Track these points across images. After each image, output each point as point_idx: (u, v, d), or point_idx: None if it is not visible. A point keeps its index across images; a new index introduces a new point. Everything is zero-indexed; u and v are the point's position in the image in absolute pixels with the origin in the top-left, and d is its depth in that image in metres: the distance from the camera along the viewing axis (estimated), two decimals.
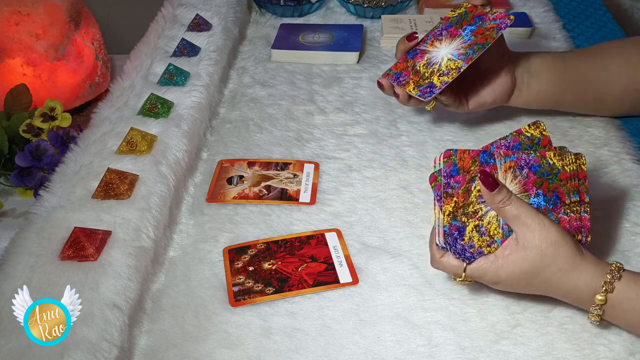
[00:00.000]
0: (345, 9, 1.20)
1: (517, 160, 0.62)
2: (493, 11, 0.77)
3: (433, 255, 0.63)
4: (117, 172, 0.72)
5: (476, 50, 0.75)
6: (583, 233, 0.61)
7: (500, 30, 0.75)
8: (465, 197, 0.61)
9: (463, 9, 0.81)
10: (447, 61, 0.77)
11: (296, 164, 0.84)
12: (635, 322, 0.58)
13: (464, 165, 0.61)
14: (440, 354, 0.60)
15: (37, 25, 1.09)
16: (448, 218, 0.61)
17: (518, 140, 0.64)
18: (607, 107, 0.87)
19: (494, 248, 0.60)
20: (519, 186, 0.61)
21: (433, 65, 0.77)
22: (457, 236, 0.61)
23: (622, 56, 0.84)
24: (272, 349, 0.61)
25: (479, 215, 0.61)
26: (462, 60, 0.75)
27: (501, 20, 0.75)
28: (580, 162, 0.63)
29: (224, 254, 0.72)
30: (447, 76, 0.76)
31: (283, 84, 1.01)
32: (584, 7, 1.17)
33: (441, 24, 0.81)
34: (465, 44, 0.76)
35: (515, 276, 0.59)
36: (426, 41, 0.80)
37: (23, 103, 1.04)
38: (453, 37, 0.78)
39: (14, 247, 0.64)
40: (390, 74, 0.81)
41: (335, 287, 0.67)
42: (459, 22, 0.79)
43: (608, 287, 0.57)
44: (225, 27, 1.06)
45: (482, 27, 0.77)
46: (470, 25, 0.78)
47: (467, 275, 0.61)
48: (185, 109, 0.86)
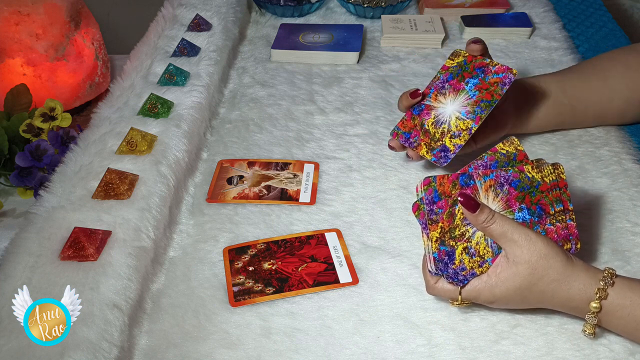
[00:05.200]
0: (345, 9, 1.20)
1: (496, 178, 0.62)
2: (494, 63, 0.75)
3: (427, 282, 0.63)
4: (117, 172, 0.72)
5: (484, 108, 0.73)
6: (572, 241, 0.62)
7: (505, 86, 0.73)
8: (450, 221, 0.61)
9: (461, 57, 0.78)
10: (456, 120, 0.75)
11: (296, 164, 0.84)
12: (631, 329, 0.58)
13: (445, 190, 0.61)
14: (440, 354, 0.60)
15: (37, 25, 1.09)
16: (436, 244, 0.61)
17: (494, 158, 0.64)
18: (609, 120, 0.87)
19: (486, 267, 0.60)
20: (502, 203, 0.61)
21: (442, 125, 0.75)
22: (448, 261, 0.61)
23: (622, 66, 0.83)
24: (272, 349, 0.61)
25: (467, 237, 0.61)
26: (471, 119, 0.74)
27: (504, 74, 0.74)
28: (558, 172, 0.63)
29: (224, 254, 0.72)
30: (459, 138, 0.74)
31: (283, 84, 1.01)
32: (584, 7, 1.17)
33: (441, 74, 0.79)
34: (472, 100, 0.75)
35: (510, 293, 0.59)
36: (429, 95, 0.78)
37: (23, 103, 1.04)
38: (457, 92, 0.76)
39: (14, 247, 0.64)
40: (400, 134, 0.79)
41: (335, 287, 0.67)
42: (459, 74, 0.77)
43: (602, 293, 0.57)
44: (225, 27, 1.06)
45: (485, 81, 0.75)
46: (472, 78, 0.76)
47: (463, 298, 0.61)
48: (185, 109, 0.86)
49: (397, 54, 1.08)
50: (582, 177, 0.79)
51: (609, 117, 0.86)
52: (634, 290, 0.57)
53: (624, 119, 0.87)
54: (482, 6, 1.16)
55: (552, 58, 1.04)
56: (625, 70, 0.83)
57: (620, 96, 0.83)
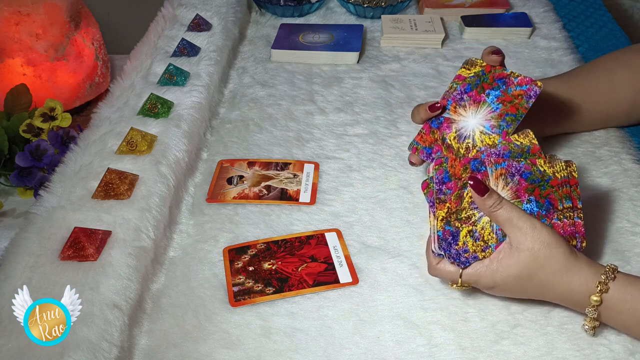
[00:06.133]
0: (345, 9, 1.20)
1: (508, 168, 0.62)
2: (515, 74, 0.71)
3: (430, 263, 0.64)
4: (117, 172, 0.72)
5: (509, 122, 0.69)
6: (578, 239, 0.61)
7: (531, 100, 0.69)
8: (458, 203, 0.62)
9: (478, 67, 0.73)
10: (480, 134, 0.70)
11: (296, 164, 0.84)
12: (631, 324, 0.58)
13: (455, 172, 0.62)
14: (440, 354, 0.60)
15: (37, 25, 1.09)
16: (441, 223, 0.61)
17: (508, 148, 0.65)
18: (615, 123, 0.87)
19: (489, 253, 0.60)
20: (511, 192, 0.61)
21: (466, 140, 0.71)
22: (451, 241, 0.61)
23: (626, 68, 0.83)
24: (272, 349, 0.61)
25: (473, 221, 0.61)
26: (497, 134, 0.70)
27: (528, 86, 0.70)
28: (571, 169, 0.63)
29: (224, 254, 0.72)
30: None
31: (283, 84, 1.01)
32: (584, 7, 1.17)
33: (458, 85, 0.73)
34: (495, 114, 0.70)
35: (510, 280, 0.59)
36: (447, 106, 0.73)
37: (23, 103, 1.04)
38: (478, 104, 0.71)
39: (14, 247, 0.64)
40: (419, 149, 0.73)
41: (335, 287, 0.67)
42: (478, 85, 0.72)
43: (603, 287, 0.57)
44: (225, 27, 1.06)
45: (507, 93, 0.70)
46: (493, 89, 0.71)
47: (463, 281, 0.61)
48: (185, 109, 0.86)
49: (397, 54, 1.08)
50: (582, 177, 0.79)
51: (615, 119, 0.86)
52: (635, 285, 0.58)
53: (630, 120, 0.87)
54: (482, 6, 1.16)
55: (552, 58, 1.04)
56: (629, 72, 0.82)
57: (626, 98, 0.83)
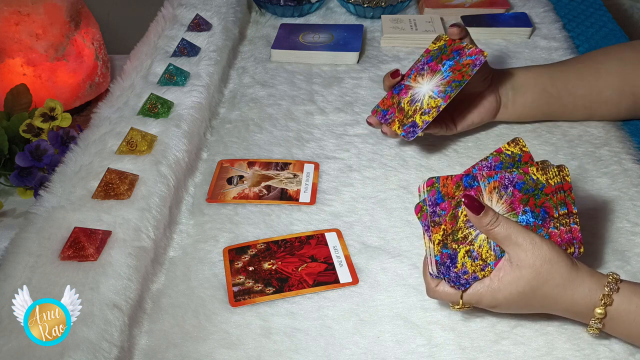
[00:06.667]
0: (345, 9, 1.20)
1: (500, 180, 0.61)
2: (469, 46, 0.79)
3: (428, 285, 0.62)
4: (117, 172, 0.72)
5: (454, 87, 0.77)
6: (575, 245, 0.61)
7: (475, 67, 0.76)
8: (453, 223, 0.60)
9: (442, 41, 0.82)
10: (428, 99, 0.79)
11: (296, 164, 0.84)
12: (636, 335, 0.58)
13: (448, 191, 0.60)
14: (440, 354, 0.60)
15: (37, 25, 1.09)
16: (438, 247, 0.60)
17: (499, 159, 0.64)
18: (600, 114, 0.87)
19: (488, 271, 0.59)
20: (506, 205, 0.60)
21: (416, 103, 0.79)
22: (450, 264, 0.59)
23: (616, 59, 0.84)
24: (272, 349, 0.61)
25: (469, 240, 0.60)
26: (441, 98, 0.77)
27: (476, 56, 0.77)
28: (563, 174, 0.62)
29: (224, 254, 0.72)
30: (428, 115, 0.78)
31: (283, 84, 1.01)
32: (584, 7, 1.17)
33: (423, 57, 0.83)
34: (445, 81, 0.78)
35: (513, 297, 0.58)
36: (410, 75, 0.82)
37: (23, 103, 1.04)
38: (434, 73, 0.80)
39: (14, 247, 0.64)
40: (378, 111, 0.83)
41: (335, 287, 0.67)
42: (438, 57, 0.81)
43: (607, 300, 0.56)
44: (225, 27, 1.06)
45: (459, 62, 0.78)
46: (448, 60, 0.79)
47: (464, 302, 0.60)
48: (185, 109, 0.86)
49: (397, 54, 1.08)
50: (582, 177, 0.79)
51: (599, 109, 0.86)
52: (639, 295, 0.57)
53: (619, 112, 0.86)
54: (482, 6, 1.16)
55: (552, 58, 1.03)
56: (618, 62, 0.83)
57: (612, 88, 0.83)
